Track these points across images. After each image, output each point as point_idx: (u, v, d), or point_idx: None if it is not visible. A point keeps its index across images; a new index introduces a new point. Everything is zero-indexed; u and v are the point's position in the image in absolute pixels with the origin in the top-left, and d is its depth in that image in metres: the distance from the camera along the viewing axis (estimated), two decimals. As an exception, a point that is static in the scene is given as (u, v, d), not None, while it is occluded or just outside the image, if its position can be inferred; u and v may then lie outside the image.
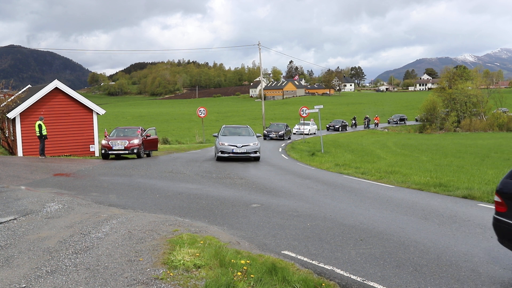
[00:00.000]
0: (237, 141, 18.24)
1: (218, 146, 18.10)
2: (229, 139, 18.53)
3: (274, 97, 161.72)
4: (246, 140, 18.44)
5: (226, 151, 17.90)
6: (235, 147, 17.83)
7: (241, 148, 17.84)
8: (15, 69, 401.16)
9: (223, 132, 19.64)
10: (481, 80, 73.28)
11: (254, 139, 18.88)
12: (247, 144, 18.05)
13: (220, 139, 18.54)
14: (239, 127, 21.00)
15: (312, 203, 9.43)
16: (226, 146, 17.97)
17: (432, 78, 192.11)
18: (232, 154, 17.90)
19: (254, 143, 18.22)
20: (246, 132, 20.22)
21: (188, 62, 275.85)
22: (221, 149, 17.94)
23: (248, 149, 17.97)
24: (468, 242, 6.40)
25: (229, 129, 20.43)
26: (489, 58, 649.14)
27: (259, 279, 4.79)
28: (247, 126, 21.62)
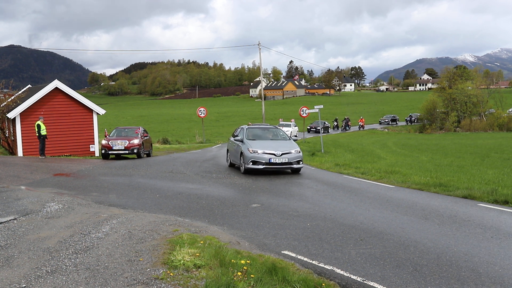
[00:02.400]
0: (273, 147, 13.87)
1: (247, 154, 13.67)
2: (261, 144, 14.10)
3: (274, 97, 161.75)
4: (283, 145, 14.16)
5: (261, 161, 13.45)
6: (273, 155, 13.48)
7: (281, 157, 13.50)
8: (15, 69, 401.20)
9: (247, 134, 14.99)
10: (481, 80, 73.29)
11: (293, 144, 14.56)
12: (287, 151, 13.74)
13: (249, 144, 14.07)
14: (268, 128, 16.29)
15: (312, 203, 9.43)
16: (260, 154, 13.52)
17: (432, 78, 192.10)
18: (270, 166, 13.49)
19: (295, 149, 13.95)
20: (278, 134, 15.73)
21: (188, 62, 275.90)
22: (253, 158, 13.52)
23: (290, 158, 13.64)
24: (468, 242, 6.40)
25: (255, 130, 15.68)
26: (489, 58, 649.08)
27: (259, 279, 4.79)
28: (276, 126, 17.50)
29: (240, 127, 16.53)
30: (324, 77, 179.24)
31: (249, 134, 15.10)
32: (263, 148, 13.76)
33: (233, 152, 15.43)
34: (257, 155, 13.54)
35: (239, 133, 15.64)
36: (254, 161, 13.53)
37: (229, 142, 16.42)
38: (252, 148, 13.76)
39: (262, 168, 13.51)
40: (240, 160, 14.36)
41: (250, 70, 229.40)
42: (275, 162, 13.49)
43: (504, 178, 12.15)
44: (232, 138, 16.09)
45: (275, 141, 14.79)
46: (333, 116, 66.73)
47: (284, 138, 15.24)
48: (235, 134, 16.30)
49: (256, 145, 14.00)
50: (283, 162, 13.56)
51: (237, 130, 16.64)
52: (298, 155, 13.93)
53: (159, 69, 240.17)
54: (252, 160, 13.54)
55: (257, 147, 13.84)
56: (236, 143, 15.13)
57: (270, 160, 13.44)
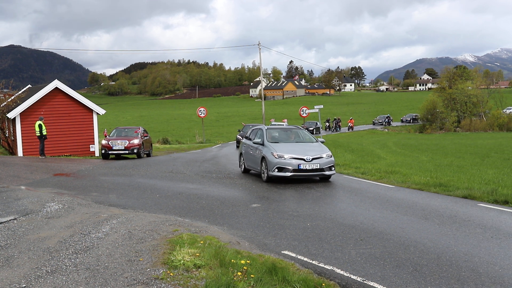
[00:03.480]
0: (300, 151, 12.06)
1: (271, 160, 11.83)
2: (286, 148, 12.24)
3: (274, 97, 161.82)
4: (312, 149, 12.36)
5: (288, 168, 11.61)
6: (303, 161, 11.65)
7: (311, 162, 11.69)
8: (15, 69, 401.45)
9: (268, 136, 13.07)
10: (481, 80, 73.25)
11: (322, 147, 12.71)
12: (318, 155, 11.93)
13: (272, 148, 12.22)
14: (290, 129, 14.29)
15: (312, 203, 9.43)
16: (287, 159, 11.68)
17: (432, 78, 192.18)
18: (299, 173, 11.69)
19: (326, 153, 12.18)
20: (301, 135, 13.74)
21: (188, 62, 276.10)
22: (279, 164, 11.67)
23: (321, 163, 11.79)
24: (468, 242, 6.41)
25: (276, 132, 13.78)
26: (489, 58, 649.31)
27: (259, 279, 4.79)
28: (299, 127, 15.24)
29: (254, 128, 14.89)
30: (324, 77, 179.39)
31: (270, 135, 13.19)
32: (289, 152, 11.92)
33: (250, 157, 13.59)
34: (283, 160, 11.67)
35: (256, 134, 13.79)
36: (280, 167, 11.65)
37: (243, 145, 14.54)
38: (277, 152, 11.88)
39: (289, 176, 11.67)
40: (261, 166, 12.51)
41: (250, 70, 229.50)
42: (304, 169, 11.64)
43: (504, 178, 12.15)
44: (247, 140, 14.28)
45: (301, 143, 12.96)
46: (333, 116, 66.67)
47: (310, 140, 13.40)
48: (248, 135, 14.59)
49: (281, 148, 12.10)
50: (314, 168, 11.71)
51: (249, 131, 14.98)
52: (330, 160, 12.10)
53: (159, 69, 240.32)
54: (278, 166, 11.66)
55: (282, 151, 11.96)
56: (254, 146, 13.30)
57: (299, 167, 11.59)
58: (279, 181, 12.19)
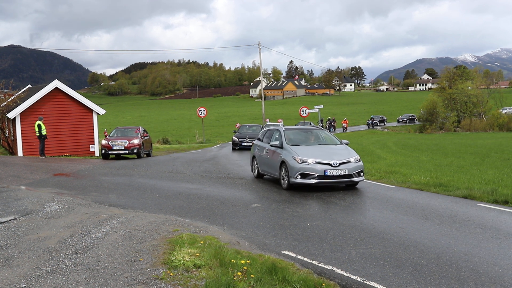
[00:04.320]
0: (324, 154, 10.85)
1: (293, 165, 10.59)
2: (309, 151, 11.03)
3: (274, 97, 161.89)
4: (337, 152, 11.13)
5: (312, 174, 10.41)
6: (329, 166, 10.43)
7: (338, 168, 10.47)
8: (15, 69, 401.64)
9: (286, 138, 11.81)
10: (481, 80, 73.28)
11: (349, 150, 11.47)
12: (346, 159, 10.71)
13: (293, 151, 10.98)
14: (310, 130, 12.93)
15: (312, 203, 9.43)
16: (312, 165, 10.45)
17: (432, 78, 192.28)
18: (325, 180, 10.48)
19: (354, 157, 10.95)
20: (322, 137, 12.44)
21: (188, 62, 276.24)
22: (303, 170, 10.46)
23: (350, 169, 10.57)
24: (468, 242, 6.41)
25: (295, 133, 12.38)
26: (489, 58, 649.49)
27: (259, 279, 4.79)
28: (319, 127, 14.03)
29: (268, 129, 13.55)
30: (324, 77, 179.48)
31: (288, 137, 11.91)
32: (313, 156, 10.69)
33: (266, 161, 12.38)
34: (307, 166, 10.46)
35: (272, 136, 12.57)
36: (304, 173, 10.46)
37: (256, 147, 13.42)
38: (300, 156, 10.65)
39: (314, 184, 10.50)
40: (279, 172, 11.31)
41: (250, 70, 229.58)
42: (331, 175, 10.43)
43: (504, 178, 12.15)
44: (261, 143, 13.19)
45: (324, 146, 11.68)
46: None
47: (333, 142, 12.09)
48: (261, 137, 13.52)
49: (303, 152, 10.89)
50: (341, 174, 10.49)
51: (262, 132, 13.76)
52: (359, 164, 10.89)
53: (159, 69, 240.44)
54: (301, 172, 10.47)
55: (305, 155, 10.72)
56: (270, 149, 12.12)
57: (325, 173, 10.38)
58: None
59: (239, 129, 29.04)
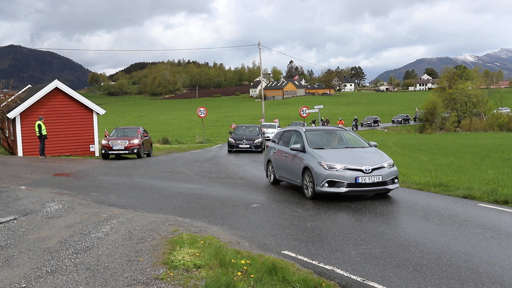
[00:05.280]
0: (353, 159, 9.63)
1: (319, 171, 9.36)
2: (336, 155, 9.78)
3: (274, 97, 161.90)
4: (367, 156, 9.90)
5: (342, 182, 9.18)
6: (361, 172, 9.21)
7: (371, 174, 9.23)
8: (15, 69, 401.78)
9: (308, 141, 10.52)
10: (481, 80, 73.35)
11: (381, 154, 10.24)
12: (378, 165, 9.48)
13: (318, 155, 9.74)
14: (334, 131, 11.56)
15: (312, 202, 9.43)
16: (341, 171, 9.24)
17: (432, 78, 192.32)
18: (356, 188, 9.24)
19: (387, 162, 9.71)
20: (348, 139, 11.22)
21: (188, 62, 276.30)
22: (331, 177, 9.22)
23: (384, 175, 9.34)
24: (468, 242, 6.41)
25: (316, 134, 11.15)
26: (489, 58, 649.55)
27: (259, 279, 4.79)
28: (343, 127, 12.95)
29: (286, 129, 12.37)
30: (324, 77, 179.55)
31: (310, 139, 10.61)
32: (342, 161, 9.44)
33: (284, 166, 11.18)
34: (335, 172, 9.23)
35: (291, 138, 11.26)
36: (332, 181, 9.21)
37: (271, 150, 12.18)
38: (327, 161, 9.42)
39: (343, 193, 9.22)
40: (302, 179, 10.07)
41: (250, 70, 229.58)
42: (363, 183, 9.18)
43: (504, 178, 12.15)
44: (277, 145, 11.97)
45: (352, 149, 10.48)
46: (333, 116, 66.61)
47: (360, 144, 10.86)
48: (276, 139, 12.32)
49: (330, 157, 9.63)
50: (374, 182, 9.25)
51: (278, 134, 12.58)
52: (393, 170, 9.67)
53: (159, 69, 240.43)
54: (329, 180, 9.21)
55: (333, 159, 9.49)
56: (289, 153, 10.88)
57: (357, 180, 9.13)
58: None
59: (235, 130, 26.60)
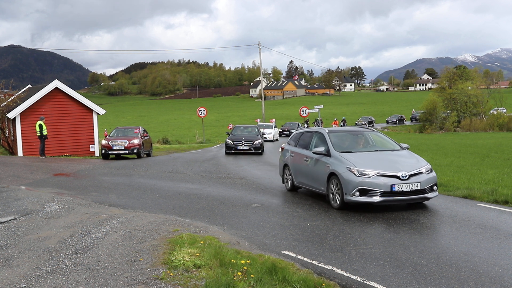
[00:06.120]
0: (387, 164, 8.58)
1: (349, 178, 8.29)
2: (366, 160, 8.71)
3: (274, 97, 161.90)
4: (401, 160, 8.85)
5: (375, 190, 8.12)
6: (397, 179, 8.16)
7: (408, 181, 8.18)
8: (15, 69, 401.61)
9: (333, 143, 9.42)
10: (481, 80, 73.29)
11: (416, 157, 9.23)
12: (416, 170, 8.43)
13: (347, 160, 8.67)
14: (360, 132, 10.40)
15: (312, 202, 9.43)
16: (373, 178, 8.18)
17: (432, 78, 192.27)
18: (392, 197, 8.15)
19: (425, 166, 8.68)
20: (374, 141, 10.08)
21: (188, 62, 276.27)
22: (363, 184, 8.15)
23: (422, 182, 8.29)
24: (468, 242, 6.40)
25: (342, 136, 10.03)
26: (489, 58, 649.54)
27: (259, 279, 4.79)
28: (370, 128, 11.76)
29: (305, 131, 11.09)
30: (324, 77, 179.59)
31: (335, 142, 9.50)
32: (374, 166, 8.40)
33: (305, 171, 10.07)
34: (367, 179, 8.15)
35: (312, 140, 10.14)
36: (364, 189, 8.14)
37: (288, 154, 11.09)
38: (358, 167, 8.35)
39: (377, 202, 8.16)
40: (328, 187, 8.96)
41: (250, 70, 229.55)
42: (400, 191, 8.09)
43: (504, 178, 12.15)
44: (295, 148, 10.82)
45: (383, 152, 9.29)
46: (333, 116, 66.58)
47: (391, 147, 9.70)
48: (294, 141, 11.17)
49: (359, 161, 8.57)
50: (412, 190, 8.16)
51: (295, 135, 11.46)
52: (432, 176, 8.58)
53: (159, 69, 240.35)
54: (360, 188, 8.14)
55: (364, 165, 8.44)
56: (311, 157, 9.80)
57: (393, 188, 8.05)
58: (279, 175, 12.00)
59: (232, 130, 24.78)
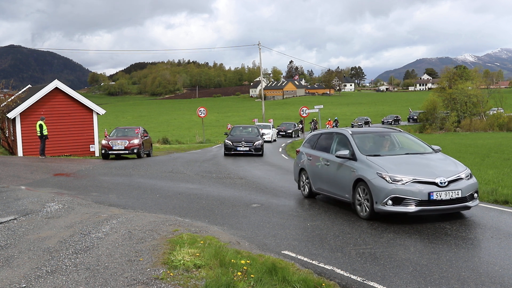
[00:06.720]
0: (422, 169, 7.72)
1: (379, 184, 7.45)
2: (398, 164, 7.81)
3: (274, 97, 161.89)
4: (437, 164, 7.96)
5: (411, 198, 7.25)
6: (434, 186, 7.29)
7: (448, 188, 7.31)
8: (15, 69, 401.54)
9: (358, 146, 8.53)
10: (481, 80, 73.22)
11: (453, 161, 8.30)
12: (455, 175, 7.54)
13: (376, 164, 7.79)
14: (388, 133, 9.47)
15: (312, 203, 9.43)
16: (408, 184, 7.33)
17: (432, 78, 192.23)
18: (430, 207, 7.27)
19: (464, 171, 7.77)
20: (401, 143, 9.16)
21: (188, 62, 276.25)
22: (396, 192, 7.29)
23: (463, 189, 7.41)
24: (469, 242, 6.40)
25: (367, 138, 9.14)
26: (489, 58, 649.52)
27: (259, 279, 4.79)
28: (397, 129, 10.99)
29: (323, 132, 10.22)
30: (324, 77, 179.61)
31: (361, 144, 8.61)
32: (408, 171, 7.53)
33: (327, 176, 9.13)
34: (401, 186, 7.30)
35: (334, 143, 9.25)
36: (398, 198, 7.28)
37: (305, 157, 10.19)
38: (390, 172, 7.50)
39: (413, 212, 7.26)
40: (354, 194, 8.13)
41: (250, 70, 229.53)
42: (439, 200, 7.23)
43: (504, 178, 12.14)
44: (315, 151, 9.84)
45: (414, 156, 8.41)
46: (333, 116, 66.59)
47: (422, 149, 8.77)
48: (311, 143, 10.29)
49: (390, 166, 7.69)
50: (453, 198, 7.30)
51: (312, 137, 10.51)
52: (472, 182, 7.69)
53: (159, 69, 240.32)
54: (394, 196, 7.29)
55: (396, 170, 7.57)
56: (335, 161, 8.83)
57: (431, 196, 7.18)
58: (280, 175, 11.85)
59: (231, 130, 23.74)
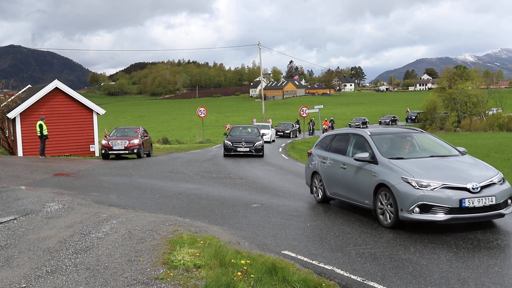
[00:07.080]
0: (451, 173, 7.08)
1: (405, 190, 6.83)
2: (424, 168, 7.16)
3: (274, 97, 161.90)
4: (466, 168, 7.32)
5: (441, 205, 6.63)
6: (466, 192, 6.68)
7: (481, 194, 6.71)
8: (15, 69, 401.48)
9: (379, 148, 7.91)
10: (481, 80, 73.21)
11: (484, 164, 7.66)
12: (488, 180, 6.93)
13: (400, 168, 7.16)
14: (410, 134, 8.67)
15: (312, 203, 9.43)
16: (437, 190, 6.71)
17: (432, 78, 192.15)
18: (462, 214, 6.66)
19: (497, 176, 7.18)
20: (422, 145, 8.47)
21: (188, 62, 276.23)
22: (424, 199, 6.66)
23: (498, 194, 6.84)
24: (468, 242, 6.40)
25: (387, 139, 8.49)
26: (489, 58, 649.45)
27: (259, 279, 4.79)
28: (417, 129, 9.39)
29: (339, 132, 9.53)
30: (324, 77, 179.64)
31: (381, 146, 8.00)
32: (436, 176, 6.92)
33: (344, 180, 8.52)
34: (429, 192, 6.69)
35: (351, 145, 8.62)
36: (426, 205, 6.67)
37: (319, 159, 9.53)
38: (416, 177, 6.89)
39: (443, 221, 6.66)
40: (376, 201, 7.51)
41: (250, 70, 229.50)
42: (471, 207, 6.64)
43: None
44: (330, 153, 9.19)
45: (441, 159, 7.73)
46: (332, 116, 66.59)
47: (447, 152, 8.08)
48: (324, 145, 9.61)
49: (416, 170, 7.08)
50: (486, 205, 6.71)
51: (324, 137, 9.97)
52: (506, 187, 7.07)
53: (159, 69, 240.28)
54: (421, 203, 6.68)
55: (423, 174, 6.95)
56: (353, 165, 8.20)
57: (463, 203, 6.59)
58: (280, 175, 11.89)
59: (230, 130, 23.09)
